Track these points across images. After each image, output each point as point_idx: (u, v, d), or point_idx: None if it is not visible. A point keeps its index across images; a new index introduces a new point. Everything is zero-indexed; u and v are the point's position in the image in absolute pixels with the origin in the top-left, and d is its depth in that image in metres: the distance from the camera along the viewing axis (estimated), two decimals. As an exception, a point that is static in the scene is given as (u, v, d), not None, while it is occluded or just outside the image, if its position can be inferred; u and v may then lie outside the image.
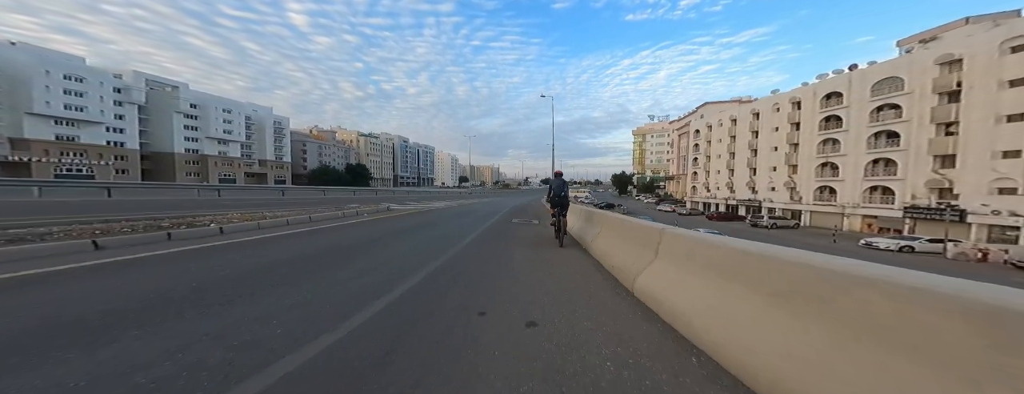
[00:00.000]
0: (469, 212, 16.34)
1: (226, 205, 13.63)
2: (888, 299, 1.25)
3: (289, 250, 5.58)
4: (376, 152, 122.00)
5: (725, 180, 52.17)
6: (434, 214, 14.76)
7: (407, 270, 4.44)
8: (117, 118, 53.46)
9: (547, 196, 8.21)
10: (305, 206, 14.29)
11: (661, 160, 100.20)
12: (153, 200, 14.95)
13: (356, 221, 10.84)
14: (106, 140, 52.46)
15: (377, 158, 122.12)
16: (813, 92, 36.81)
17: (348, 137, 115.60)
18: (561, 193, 7.23)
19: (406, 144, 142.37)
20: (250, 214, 9.71)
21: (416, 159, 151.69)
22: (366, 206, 15.54)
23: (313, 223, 9.54)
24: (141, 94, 55.82)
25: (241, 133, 70.23)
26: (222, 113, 66.31)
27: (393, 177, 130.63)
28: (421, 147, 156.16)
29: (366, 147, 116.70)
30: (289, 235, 7.28)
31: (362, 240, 7.05)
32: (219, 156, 66.43)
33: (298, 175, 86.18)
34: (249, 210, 11.18)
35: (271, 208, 12.69)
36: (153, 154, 59.68)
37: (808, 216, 37.00)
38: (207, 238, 6.25)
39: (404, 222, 11.30)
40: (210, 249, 5.27)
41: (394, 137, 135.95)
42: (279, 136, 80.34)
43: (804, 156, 37.57)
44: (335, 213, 11.85)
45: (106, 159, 51.87)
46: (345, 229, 8.71)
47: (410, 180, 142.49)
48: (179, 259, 4.47)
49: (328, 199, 22.53)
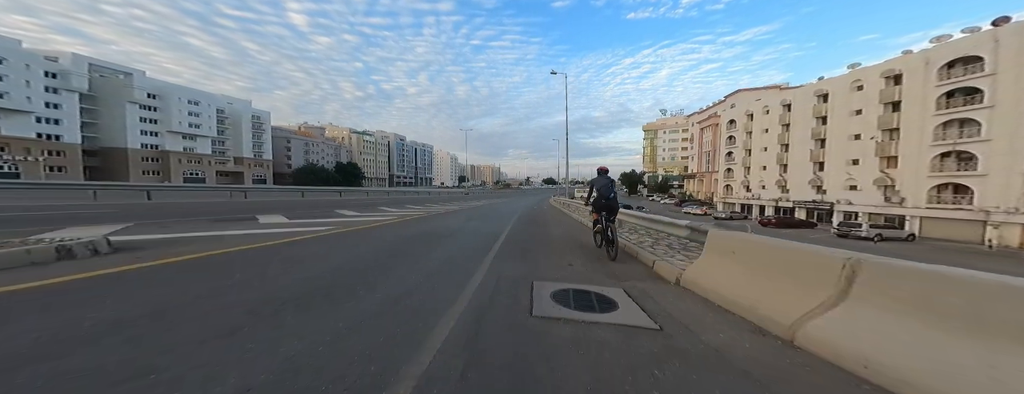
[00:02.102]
0: (456, 232, 8.45)
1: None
2: None
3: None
4: (370, 150, 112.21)
5: (774, 177, 42.54)
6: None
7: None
8: (51, 107, 43.58)
9: (587, 199, 5.98)
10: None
11: (675, 158, 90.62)
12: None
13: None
14: (36, 132, 42.59)
15: (371, 157, 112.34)
16: (924, 61, 27.14)
17: (339, 134, 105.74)
18: (609, 195, 5.37)
19: (403, 142, 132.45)
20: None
21: (413, 158, 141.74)
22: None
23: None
24: (82, 80, 45.89)
25: (212, 127, 60.36)
26: (187, 104, 56.41)
27: (389, 177, 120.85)
28: (419, 146, 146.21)
29: (359, 145, 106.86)
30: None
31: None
32: (184, 152, 56.58)
33: (281, 174, 76.36)
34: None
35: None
36: (102, 150, 49.79)
37: (916, 223, 27.38)
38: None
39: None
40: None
41: (390, 135, 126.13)
42: (258, 132, 70.49)
43: (908, 145, 27.94)
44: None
45: (35, 154, 42.02)
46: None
47: (407, 180, 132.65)
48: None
49: (306, 201, 17.13)
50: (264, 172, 71.53)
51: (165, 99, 53.73)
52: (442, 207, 17.44)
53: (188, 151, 57.15)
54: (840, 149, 33.97)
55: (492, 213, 14.75)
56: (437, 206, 17.75)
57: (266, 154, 72.38)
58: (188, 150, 57.17)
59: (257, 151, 70.38)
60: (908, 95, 28.06)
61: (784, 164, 41.22)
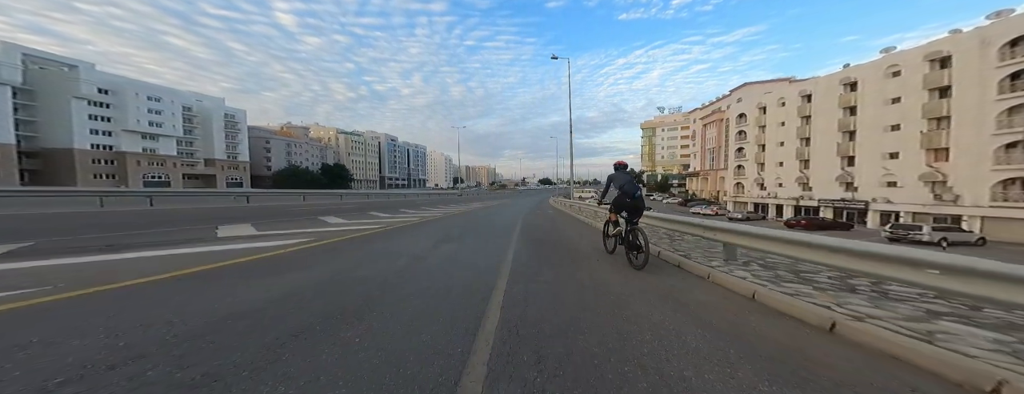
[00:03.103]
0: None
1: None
2: None
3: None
4: (359, 151, 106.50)
5: (793, 174, 38.96)
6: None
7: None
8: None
9: (602, 197, 5.22)
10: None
11: (674, 155, 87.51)
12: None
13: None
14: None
15: (360, 158, 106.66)
16: (979, 40, 23.61)
17: (325, 134, 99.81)
18: (635, 193, 4.48)
19: (394, 143, 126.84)
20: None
21: (406, 159, 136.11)
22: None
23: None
24: (15, 72, 39.74)
25: (177, 126, 54.39)
26: (147, 101, 50.40)
27: (379, 178, 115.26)
28: (411, 146, 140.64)
29: (347, 146, 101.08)
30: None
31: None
32: (144, 154, 50.54)
33: (260, 177, 70.46)
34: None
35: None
36: (43, 151, 43.62)
37: (976, 224, 23.78)
38: None
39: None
40: None
41: (380, 135, 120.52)
42: (232, 131, 64.51)
43: (963, 135, 24.37)
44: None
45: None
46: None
47: (400, 181, 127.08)
48: None
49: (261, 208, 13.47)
50: (240, 175, 65.59)
51: (120, 95, 47.70)
52: (419, 214, 12.96)
53: (149, 152, 51.12)
54: (874, 142, 30.39)
55: (483, 224, 10.35)
56: (411, 213, 13.16)
57: (242, 155, 66.42)
58: (149, 151, 51.14)
59: (231, 152, 64.40)
60: (961, 79, 24.50)
61: (805, 159, 37.64)
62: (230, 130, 63.89)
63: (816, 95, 36.10)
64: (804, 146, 37.72)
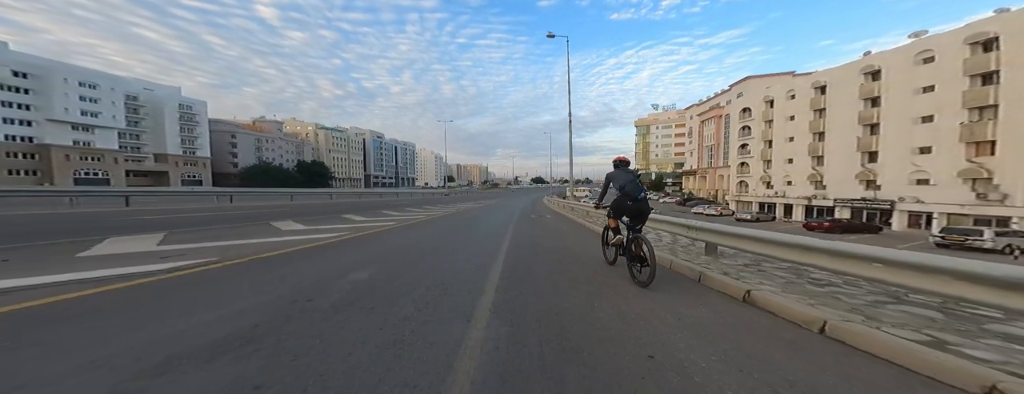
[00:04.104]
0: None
1: None
2: None
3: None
4: (341, 148, 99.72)
5: (805, 171, 36.07)
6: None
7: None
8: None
9: (599, 199, 4.61)
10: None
11: (669, 154, 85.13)
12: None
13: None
14: None
15: (342, 155, 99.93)
16: (1035, 16, 20.66)
17: (302, 130, 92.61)
18: (638, 195, 3.80)
19: (380, 140, 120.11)
20: None
21: (394, 157, 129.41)
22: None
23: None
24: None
25: (118, 117, 47.29)
26: (78, 87, 43.23)
27: (364, 177, 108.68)
28: (399, 143, 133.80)
29: (327, 142, 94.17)
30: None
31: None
32: (75, 147, 43.38)
33: (225, 174, 63.44)
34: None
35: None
36: (-59, 144, 36.28)
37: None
38: None
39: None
40: None
41: (365, 131, 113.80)
42: (189, 124, 57.37)
43: (1013, 126, 21.43)
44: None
45: None
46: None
47: (387, 180, 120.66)
48: None
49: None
50: (200, 171, 58.60)
51: (44, 80, 40.50)
52: (378, 222, 8.65)
53: (82, 145, 43.94)
54: (901, 135, 27.46)
55: (460, 238, 6.82)
56: (360, 221, 8.64)
57: (201, 150, 59.30)
58: (82, 144, 43.97)
59: (188, 147, 57.29)
60: (1011, 62, 21.56)
61: (818, 156, 34.72)
62: (186, 122, 56.75)
63: (832, 86, 33.14)
64: (817, 141, 34.79)
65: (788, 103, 38.30)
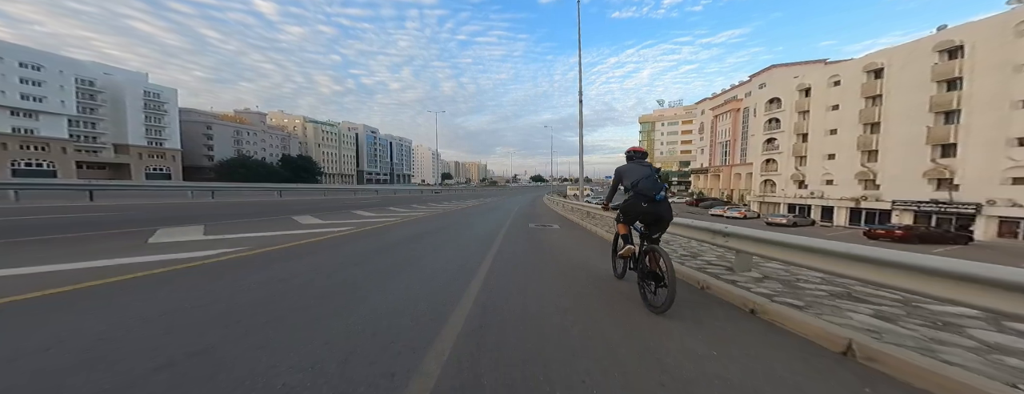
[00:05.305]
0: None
1: None
2: None
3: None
4: (332, 143, 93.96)
5: (851, 168, 30.82)
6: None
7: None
8: None
9: (607, 199, 3.79)
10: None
11: (674, 151, 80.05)
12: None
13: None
14: None
15: (334, 150, 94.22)
16: None
17: (288, 123, 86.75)
18: (656, 194, 2.78)
19: (374, 135, 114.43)
20: None
21: (389, 153, 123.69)
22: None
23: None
24: None
25: (68, 102, 41.41)
26: (17, 68, 37.33)
27: (357, 173, 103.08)
28: (395, 139, 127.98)
29: (316, 136, 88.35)
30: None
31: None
32: (14, 135, 37.53)
33: (199, 167, 57.63)
34: None
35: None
36: None
37: None
38: None
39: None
40: None
41: (358, 126, 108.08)
42: (156, 113, 51.47)
43: None
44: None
45: None
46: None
47: (381, 177, 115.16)
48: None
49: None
50: (168, 165, 52.79)
51: (-27, 54, 34.57)
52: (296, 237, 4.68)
53: (23, 133, 38.07)
54: (986, 125, 22.20)
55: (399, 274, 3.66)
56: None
57: (170, 142, 53.44)
58: (23, 131, 38.10)
59: (155, 138, 51.43)
60: None
61: (871, 150, 29.45)
62: (153, 111, 50.87)
63: (892, 69, 27.82)
64: (870, 133, 29.49)
65: (830, 91, 32.99)
